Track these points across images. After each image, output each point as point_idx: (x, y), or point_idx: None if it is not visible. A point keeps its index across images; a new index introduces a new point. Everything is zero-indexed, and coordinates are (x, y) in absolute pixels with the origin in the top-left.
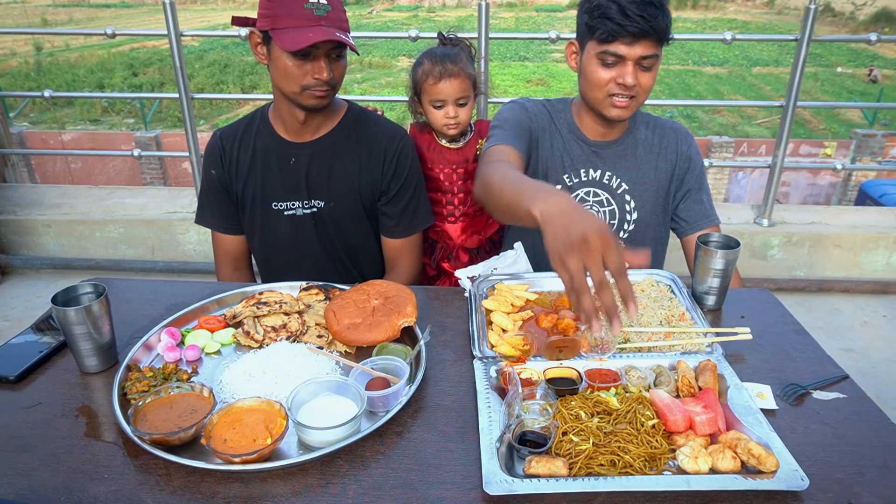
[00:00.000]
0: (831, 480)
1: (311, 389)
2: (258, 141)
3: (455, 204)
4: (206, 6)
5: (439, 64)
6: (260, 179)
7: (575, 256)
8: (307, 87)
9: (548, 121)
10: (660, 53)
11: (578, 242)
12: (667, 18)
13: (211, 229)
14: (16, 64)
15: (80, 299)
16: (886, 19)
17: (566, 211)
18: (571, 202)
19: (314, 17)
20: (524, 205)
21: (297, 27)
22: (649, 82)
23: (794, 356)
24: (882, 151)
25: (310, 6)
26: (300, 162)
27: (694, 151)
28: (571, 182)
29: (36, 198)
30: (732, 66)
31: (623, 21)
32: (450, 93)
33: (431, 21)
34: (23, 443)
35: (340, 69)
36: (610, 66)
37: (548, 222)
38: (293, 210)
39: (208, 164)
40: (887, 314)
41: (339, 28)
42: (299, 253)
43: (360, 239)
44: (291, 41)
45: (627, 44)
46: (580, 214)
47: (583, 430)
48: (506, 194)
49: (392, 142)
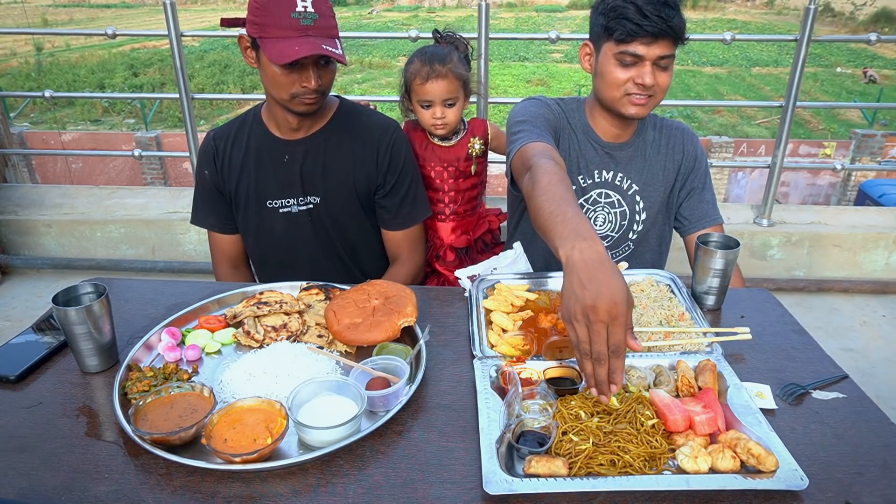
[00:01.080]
0: (831, 480)
1: (311, 389)
2: (251, 140)
3: (445, 202)
4: (206, 6)
5: (428, 64)
6: (254, 178)
7: (582, 320)
8: (296, 95)
9: (564, 120)
10: (675, 54)
11: (589, 307)
12: (682, 19)
13: (206, 229)
14: (16, 64)
15: (80, 299)
16: (886, 19)
17: (590, 266)
18: (600, 256)
19: (301, 28)
20: (555, 240)
21: (284, 38)
22: (667, 81)
23: (793, 356)
24: (881, 151)
25: (296, 15)
26: (294, 159)
27: (699, 151)
28: (585, 183)
29: (36, 198)
30: (732, 67)
31: (641, 21)
32: (437, 93)
33: (431, 21)
34: (23, 442)
35: (329, 76)
36: (628, 67)
37: (569, 271)
38: (288, 207)
39: (202, 164)
40: (887, 314)
41: (327, 36)
42: (295, 251)
43: (358, 234)
44: (278, 54)
45: (646, 44)
46: (602, 275)
47: (583, 430)
48: (543, 214)
49: (385, 134)
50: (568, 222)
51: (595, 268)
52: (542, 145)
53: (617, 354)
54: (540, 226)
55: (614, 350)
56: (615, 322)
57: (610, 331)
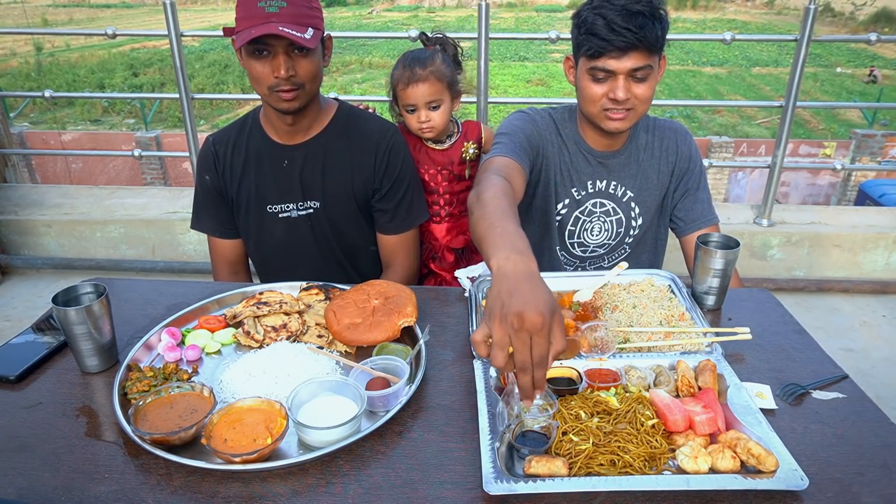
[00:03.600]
0: (831, 480)
1: (311, 389)
2: (250, 144)
3: (441, 204)
4: (206, 6)
5: (408, 69)
6: (254, 182)
7: (503, 328)
8: (272, 88)
9: (555, 134)
10: (654, 63)
11: (514, 314)
12: (659, 26)
13: (207, 234)
14: (16, 64)
15: (80, 299)
16: (886, 19)
17: (519, 278)
18: (531, 271)
19: (265, 15)
20: (488, 250)
21: (249, 27)
22: (645, 93)
23: (793, 356)
24: (881, 151)
25: (262, 4)
26: (293, 164)
27: (693, 151)
28: (580, 195)
29: (36, 198)
30: (732, 67)
31: (609, 36)
32: (419, 97)
33: (431, 21)
34: (23, 442)
35: (305, 66)
36: (601, 82)
37: (499, 280)
38: (287, 212)
39: (202, 169)
40: (887, 314)
41: (294, 22)
42: (296, 255)
43: (357, 238)
44: (241, 39)
45: (616, 58)
46: (530, 287)
47: (583, 430)
48: (482, 225)
49: (383, 138)
50: (507, 235)
51: (525, 280)
52: (505, 160)
53: (539, 366)
54: (478, 236)
55: (537, 362)
56: (539, 333)
57: (534, 341)
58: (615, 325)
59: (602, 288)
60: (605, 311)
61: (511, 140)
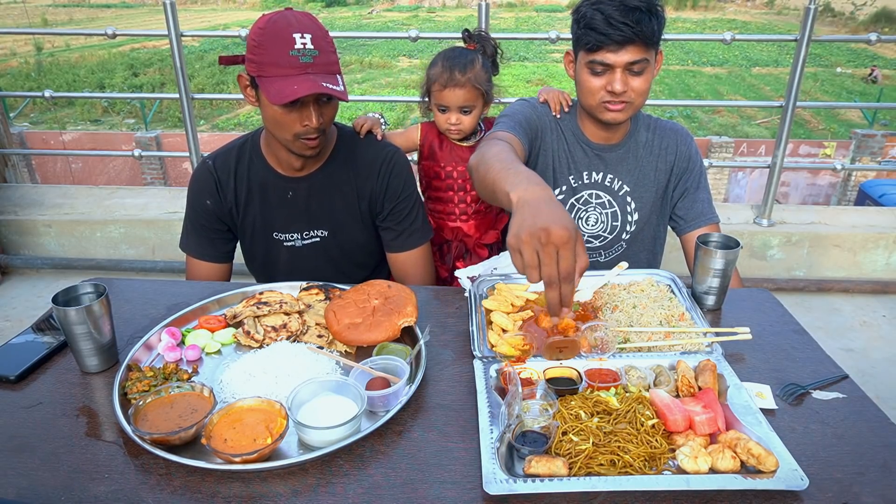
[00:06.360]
0: (831, 480)
1: (311, 389)
2: (252, 174)
3: (467, 202)
4: (206, 6)
5: (448, 70)
6: (259, 211)
7: (531, 244)
8: (299, 136)
9: (554, 122)
10: (651, 57)
11: (540, 229)
12: (655, 21)
13: (194, 258)
14: (16, 64)
15: (80, 299)
16: (886, 19)
17: (540, 201)
18: (550, 196)
19: (300, 65)
20: (505, 186)
21: (283, 76)
22: (642, 86)
23: (793, 356)
24: (881, 151)
25: (295, 53)
26: (298, 195)
27: (693, 151)
28: (576, 184)
29: (36, 198)
30: (732, 67)
31: (607, 30)
32: (453, 101)
33: (431, 21)
34: (23, 442)
35: (331, 112)
36: (599, 75)
37: (521, 206)
38: (292, 241)
39: (201, 193)
40: (887, 314)
41: (327, 73)
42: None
43: (367, 257)
44: (277, 94)
45: (613, 51)
46: (553, 207)
47: (583, 430)
48: (493, 171)
49: (383, 162)
50: (521, 173)
51: (546, 203)
52: (506, 135)
53: (567, 280)
54: (490, 183)
55: (564, 275)
56: (565, 246)
57: (560, 255)
58: (615, 325)
59: (602, 288)
60: (605, 311)
61: (511, 119)
